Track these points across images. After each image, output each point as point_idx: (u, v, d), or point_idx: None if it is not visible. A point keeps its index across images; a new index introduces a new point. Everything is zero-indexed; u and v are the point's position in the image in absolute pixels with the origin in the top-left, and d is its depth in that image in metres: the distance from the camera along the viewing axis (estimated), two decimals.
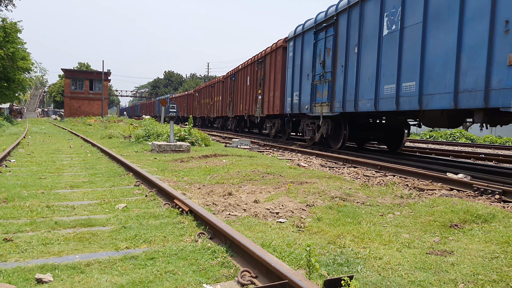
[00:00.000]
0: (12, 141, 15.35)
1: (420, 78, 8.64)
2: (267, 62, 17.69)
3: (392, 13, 9.55)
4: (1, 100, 39.97)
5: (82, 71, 64.75)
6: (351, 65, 11.24)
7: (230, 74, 24.35)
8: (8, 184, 6.32)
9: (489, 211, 4.51)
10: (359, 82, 10.84)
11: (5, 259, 3.18)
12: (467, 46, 7.53)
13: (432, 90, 8.35)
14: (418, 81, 8.68)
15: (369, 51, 10.47)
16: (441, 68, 8.11)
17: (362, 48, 10.77)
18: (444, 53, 8.07)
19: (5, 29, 33.83)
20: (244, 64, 21.35)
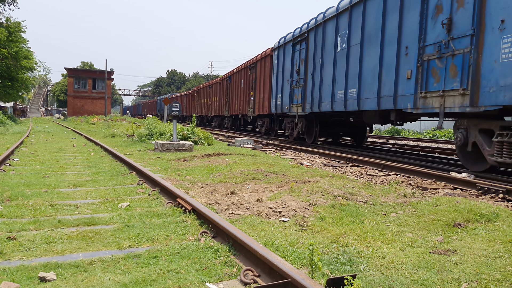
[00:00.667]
0: (15, 140, 15.41)
1: (359, 86, 11.03)
2: (258, 67, 19.82)
3: (343, 34, 11.93)
4: (4, 99, 40.12)
5: (85, 70, 64.92)
6: (317, 74, 13.52)
7: (226, 76, 26.29)
8: (12, 182, 6.34)
9: (493, 210, 4.50)
10: (322, 87, 13.16)
11: (9, 257, 3.19)
12: (385, 63, 9.96)
13: (366, 95, 10.74)
14: (357, 88, 11.07)
15: (328, 63, 12.80)
16: (371, 79, 10.52)
17: (324, 60, 13.10)
18: (373, 67, 10.46)
19: (8, 29, 33.93)
20: (239, 68, 23.43)
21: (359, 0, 11.00)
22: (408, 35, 9.13)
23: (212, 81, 32.89)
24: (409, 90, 9.05)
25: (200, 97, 37.17)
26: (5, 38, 32.75)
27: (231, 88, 25.19)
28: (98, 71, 63.05)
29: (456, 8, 7.81)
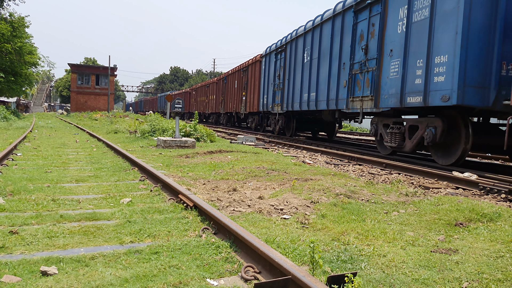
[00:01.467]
0: (18, 135, 15.45)
1: (316, 91, 13.94)
2: (249, 71, 22.39)
3: (308, 49, 14.85)
4: (8, 94, 40.26)
5: (89, 66, 65.00)
6: (291, 79, 16.34)
7: (223, 77, 28.70)
8: (15, 177, 6.36)
9: (495, 210, 4.49)
10: (294, 91, 16.02)
11: (11, 251, 3.21)
12: (332, 74, 12.91)
13: (320, 98, 13.70)
14: (315, 92, 13.99)
15: (298, 71, 15.71)
16: (324, 85, 13.42)
17: (295, 69, 16.00)
18: (325, 77, 13.36)
19: (12, 24, 33.99)
20: (233, 70, 26.01)
21: (318, 24, 13.93)
22: (345, 54, 12.08)
23: (209, 80, 35.04)
24: (345, 95, 12.02)
25: (198, 95, 39.06)
26: (8, 33, 32.81)
27: (226, 88, 27.38)
28: (101, 67, 63.12)
29: (370, 38, 10.78)
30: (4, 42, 32.92)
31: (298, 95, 15.52)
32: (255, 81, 21.15)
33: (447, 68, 7.94)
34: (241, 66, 23.89)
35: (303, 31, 15.12)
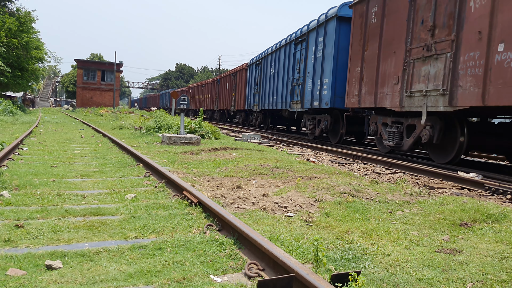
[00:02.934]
0: (24, 130, 15.54)
1: (276, 95, 19.02)
2: (237, 76, 27.41)
3: (273, 65, 20.01)
4: (14, 89, 40.41)
5: (95, 62, 65.17)
6: (264, 85, 21.61)
7: (216, 79, 33.85)
8: (20, 171, 6.40)
9: (500, 210, 4.46)
10: (265, 94, 21.17)
11: (16, 245, 3.23)
12: (283, 84, 18.00)
13: (278, 101, 18.76)
14: (276, 96, 19.13)
15: (267, 80, 20.88)
16: (280, 92, 18.59)
17: (266, 78, 21.22)
18: (280, 86, 18.57)
19: (19, 19, 34.11)
20: (225, 74, 31.40)
21: (277, 48, 19.32)
22: (289, 72, 17.45)
23: (204, 81, 40.53)
24: (289, 99, 17.34)
25: (194, 94, 43.76)
26: (15, 28, 32.93)
27: (219, 89, 32.52)
28: (107, 63, 63.28)
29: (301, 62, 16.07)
30: (11, 37, 33.03)
31: (267, 97, 20.79)
32: (241, 84, 26.11)
33: (328, 86, 13.54)
34: (231, 72, 29.23)
35: (270, 52, 20.53)
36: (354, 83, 11.97)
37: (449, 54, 8.28)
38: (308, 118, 16.12)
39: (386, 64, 10.42)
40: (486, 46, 7.31)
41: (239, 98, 26.32)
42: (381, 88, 10.60)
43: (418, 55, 9.22)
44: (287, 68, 17.64)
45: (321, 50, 13.92)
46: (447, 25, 8.39)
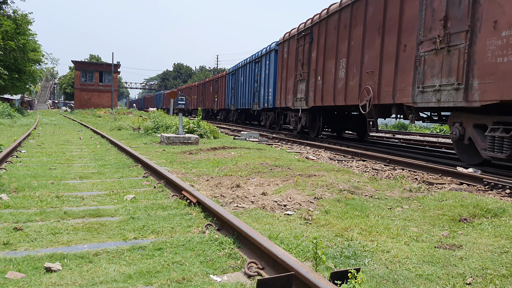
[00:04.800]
0: (23, 132, 15.51)
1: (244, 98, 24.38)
2: (219, 82, 32.65)
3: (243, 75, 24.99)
4: (12, 91, 40.37)
5: (92, 63, 65.08)
6: (237, 90, 26.49)
7: (202, 83, 39.63)
8: (19, 174, 6.39)
9: (499, 205, 4.46)
10: (238, 96, 26.03)
11: (15, 247, 3.22)
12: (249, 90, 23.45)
13: (246, 102, 24.01)
14: (244, 99, 24.32)
15: (239, 86, 25.87)
16: (247, 95, 23.90)
17: (238, 85, 26.15)
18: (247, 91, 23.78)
19: (16, 21, 34.02)
20: (209, 79, 37.38)
21: (245, 64, 24.65)
22: (252, 82, 22.74)
23: (192, 83, 47.31)
24: (251, 101, 22.58)
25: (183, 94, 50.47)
26: (12, 31, 32.85)
27: (204, 91, 38.55)
28: (104, 64, 63.17)
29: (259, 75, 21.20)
30: (8, 40, 32.96)
31: (239, 99, 25.79)
32: (222, 88, 31.56)
33: (271, 93, 19.30)
34: (214, 77, 35.14)
35: (241, 65, 25.53)
36: (278, 92, 18.18)
37: (317, 81, 14.25)
38: (263, 114, 22.45)
39: (289, 82, 16.86)
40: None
41: (221, 99, 31.83)
42: (284, 95, 17.38)
43: (299, 78, 15.75)
44: (251, 79, 23.29)
45: (268, 69, 20.18)
46: (306, 65, 15.23)
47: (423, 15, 8.91)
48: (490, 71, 7.18)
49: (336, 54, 12.83)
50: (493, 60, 7.15)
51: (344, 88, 12.25)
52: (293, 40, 16.39)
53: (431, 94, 8.62)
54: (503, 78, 6.90)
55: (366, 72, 11.07)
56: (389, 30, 10.13)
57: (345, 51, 12.28)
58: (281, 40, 17.77)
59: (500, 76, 6.96)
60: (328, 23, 13.41)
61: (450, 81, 8.05)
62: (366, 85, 10.98)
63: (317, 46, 14.16)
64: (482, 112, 7.88)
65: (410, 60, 9.29)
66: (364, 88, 11.05)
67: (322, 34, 13.79)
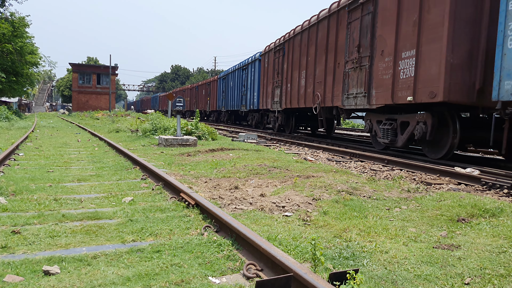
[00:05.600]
0: (20, 135, 15.48)
1: (234, 100, 27.10)
2: (211, 85, 35.34)
3: (232, 81, 27.55)
4: (9, 94, 40.30)
5: (90, 65, 65.01)
6: (227, 93, 29.00)
7: (195, 86, 42.63)
8: (16, 177, 6.37)
9: (497, 205, 4.47)
10: (228, 99, 28.68)
11: (13, 251, 3.21)
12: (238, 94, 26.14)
13: (235, 104, 26.62)
14: (234, 101, 27.03)
15: (229, 90, 28.40)
16: (236, 98, 26.57)
17: (228, 88, 28.61)
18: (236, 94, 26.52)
19: (13, 24, 33.98)
20: (202, 83, 39.88)
21: (234, 70, 27.24)
22: (240, 87, 25.32)
23: (186, 86, 50.78)
24: (240, 103, 25.33)
25: None
26: (9, 33, 32.80)
27: (197, 94, 41.38)
28: (102, 66, 63.10)
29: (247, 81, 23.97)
30: (5, 42, 32.91)
31: (229, 102, 28.33)
32: (214, 91, 34.18)
33: (256, 96, 21.73)
34: (206, 81, 37.90)
35: (231, 71, 28.21)
36: (261, 96, 20.75)
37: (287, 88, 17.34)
38: (250, 114, 24.75)
39: (269, 88, 19.60)
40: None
41: (213, 101, 34.63)
42: (266, 99, 20.06)
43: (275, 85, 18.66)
44: (239, 84, 25.77)
45: (253, 76, 22.64)
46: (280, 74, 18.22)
47: (348, 42, 11.96)
48: (380, 84, 10.27)
49: (299, 66, 15.85)
50: (381, 76, 10.20)
51: (304, 94, 15.29)
52: (271, 52, 19.35)
53: (352, 99, 11.71)
54: (386, 89, 10.00)
55: (317, 82, 14.13)
56: (330, 51, 13.18)
57: (304, 64, 15.30)
58: (263, 51, 20.76)
59: (384, 88, 10.07)
60: (294, 41, 16.49)
61: (361, 91, 11.17)
62: (317, 92, 14.10)
63: (287, 59, 17.24)
64: (379, 112, 10.97)
65: (341, 74, 12.32)
66: (316, 94, 14.17)
67: (291, 49, 16.83)
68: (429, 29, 8.61)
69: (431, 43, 8.57)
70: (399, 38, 9.59)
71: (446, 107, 8.88)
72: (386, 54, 10.00)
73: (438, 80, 8.29)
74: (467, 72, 8.21)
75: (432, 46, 8.53)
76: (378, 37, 10.34)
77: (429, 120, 8.96)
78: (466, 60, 8.20)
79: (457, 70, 8.16)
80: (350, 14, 11.87)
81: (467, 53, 8.20)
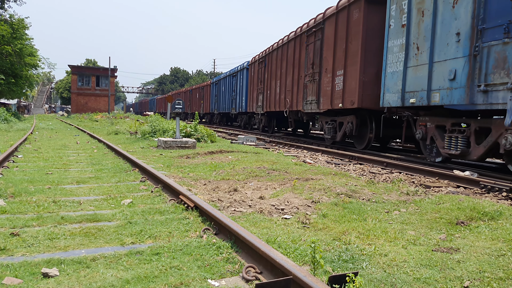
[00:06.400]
0: (19, 137, 15.46)
1: (225, 103, 30.16)
2: (204, 89, 38.40)
3: (224, 86, 30.47)
4: (8, 96, 40.25)
5: (89, 67, 65.02)
6: (219, 97, 31.97)
7: (189, 89, 46.00)
8: (15, 179, 6.36)
9: (496, 208, 4.48)
10: (220, 102, 31.83)
11: (12, 253, 3.21)
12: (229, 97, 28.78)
13: (227, 107, 29.46)
14: (225, 104, 29.86)
15: (220, 94, 31.70)
16: (227, 101, 29.36)
17: (220, 93, 31.84)
18: (227, 98, 29.24)
19: (12, 25, 33.98)
20: (196, 86, 43.22)
21: (225, 76, 29.91)
22: (231, 92, 27.93)
23: (181, 90, 54.32)
24: (230, 106, 28.21)
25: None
26: (8, 35, 32.80)
27: (191, 97, 44.78)
28: (101, 68, 63.09)
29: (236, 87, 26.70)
30: (4, 44, 32.91)
31: (221, 105, 31.24)
32: (207, 95, 37.21)
33: (244, 101, 24.56)
34: (200, 86, 41.22)
35: (222, 77, 31.00)
36: (249, 100, 23.72)
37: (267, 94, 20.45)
38: (239, 116, 27.71)
39: (254, 93, 22.52)
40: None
41: (206, 104, 37.68)
42: (252, 103, 22.99)
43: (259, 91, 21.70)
44: (230, 89, 28.42)
45: (242, 82, 25.43)
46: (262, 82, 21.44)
47: (306, 60, 15.09)
48: (324, 94, 13.44)
49: (276, 77, 18.91)
50: (325, 88, 13.39)
51: (279, 100, 18.36)
52: (256, 63, 22.48)
53: (309, 105, 14.79)
54: (327, 98, 13.18)
55: (287, 90, 17.18)
56: (295, 66, 16.29)
57: (279, 75, 18.35)
58: (251, 62, 23.77)
59: (327, 97, 13.22)
60: (272, 55, 19.51)
61: (314, 98, 14.28)
62: (287, 98, 17.19)
63: (268, 70, 20.33)
64: (325, 114, 14.26)
65: (302, 85, 15.48)
66: (286, 100, 17.34)
67: (270, 62, 19.94)
68: (351, 55, 11.79)
69: (352, 65, 11.74)
70: (335, 60, 12.74)
71: (366, 111, 11.81)
72: (328, 71, 13.21)
73: (355, 92, 11.48)
74: (375, 87, 11.15)
75: (352, 68, 11.71)
76: (324, 58, 13.57)
77: (354, 121, 12.20)
78: (373, 78, 11.27)
79: (367, 86, 11.32)
80: (308, 38, 15.06)
81: (374, 74, 11.27)
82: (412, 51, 9.26)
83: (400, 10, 9.72)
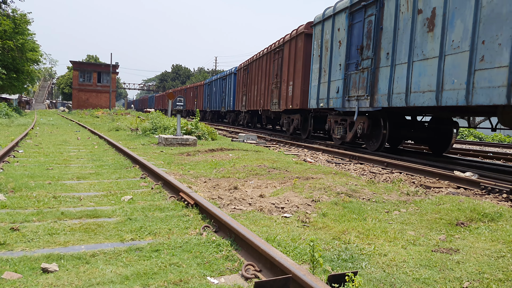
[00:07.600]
0: (20, 132, 15.48)
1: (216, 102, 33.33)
2: (198, 89, 41.49)
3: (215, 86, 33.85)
4: (10, 91, 40.24)
5: (91, 63, 64.98)
6: (211, 96, 35.40)
7: (185, 88, 49.08)
8: (16, 174, 6.37)
9: (496, 209, 4.48)
10: (212, 101, 35.00)
11: (12, 248, 3.21)
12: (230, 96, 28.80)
13: (218, 105, 32.85)
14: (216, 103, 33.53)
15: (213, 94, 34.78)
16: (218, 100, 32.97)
17: (212, 93, 35.00)
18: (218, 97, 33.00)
19: (15, 20, 33.97)
20: (190, 86, 46.44)
21: (216, 79, 33.43)
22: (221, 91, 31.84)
23: (177, 88, 57.54)
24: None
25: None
26: (11, 30, 32.80)
27: (186, 95, 46.97)
28: (103, 64, 63.10)
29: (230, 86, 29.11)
30: (6, 39, 32.90)
31: (213, 103, 34.34)
32: (200, 94, 40.18)
33: (232, 100, 28.36)
34: (194, 85, 44.50)
35: (214, 79, 34.13)
36: (236, 100, 27.02)
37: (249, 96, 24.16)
38: (228, 114, 30.88)
39: (240, 94, 25.99)
40: None
41: (199, 102, 40.67)
42: (238, 103, 26.42)
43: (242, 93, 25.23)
44: (220, 90, 31.90)
45: (230, 85, 28.82)
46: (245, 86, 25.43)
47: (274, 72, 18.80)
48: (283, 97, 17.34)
49: (255, 82, 22.62)
50: (283, 94, 17.35)
51: (256, 101, 22.15)
52: (242, 70, 26.13)
53: (274, 105, 18.52)
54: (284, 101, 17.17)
55: (261, 93, 20.99)
56: (267, 75, 20.22)
57: (257, 81, 22.15)
58: (238, 68, 27.16)
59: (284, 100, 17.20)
60: (253, 64, 23.14)
61: (277, 101, 18.01)
62: (261, 100, 21.03)
63: (249, 76, 23.96)
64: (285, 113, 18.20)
65: (270, 90, 19.29)
66: (260, 101, 21.13)
67: (251, 70, 23.57)
68: (297, 71, 15.90)
69: (297, 78, 15.84)
70: (289, 74, 16.81)
71: (307, 111, 15.94)
72: (285, 81, 17.23)
73: (298, 97, 15.64)
74: None
75: (298, 80, 15.79)
76: (283, 71, 17.53)
77: (300, 118, 16.49)
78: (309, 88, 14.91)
79: (305, 93, 15.31)
80: (274, 55, 19.06)
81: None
82: (322, 72, 13.76)
83: (318, 45, 14.25)
